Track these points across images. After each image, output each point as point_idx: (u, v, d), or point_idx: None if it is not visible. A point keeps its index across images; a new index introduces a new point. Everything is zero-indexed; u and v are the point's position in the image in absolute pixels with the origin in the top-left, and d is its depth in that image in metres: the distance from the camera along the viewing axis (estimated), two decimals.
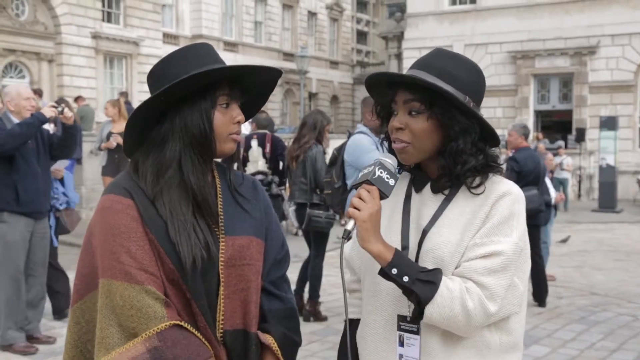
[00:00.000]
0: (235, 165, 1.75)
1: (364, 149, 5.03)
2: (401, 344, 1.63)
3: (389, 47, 28.53)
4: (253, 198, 1.73)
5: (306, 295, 6.05)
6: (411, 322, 1.62)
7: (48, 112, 4.74)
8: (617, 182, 17.64)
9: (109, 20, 23.35)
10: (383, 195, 1.57)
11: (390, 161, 1.62)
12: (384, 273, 1.55)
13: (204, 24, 29.22)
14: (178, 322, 1.48)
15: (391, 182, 1.58)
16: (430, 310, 1.52)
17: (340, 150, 5.59)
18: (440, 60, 1.65)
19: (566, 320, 6.23)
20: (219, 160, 1.74)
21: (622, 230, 13.43)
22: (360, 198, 1.55)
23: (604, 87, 21.85)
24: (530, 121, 22.25)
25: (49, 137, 5.02)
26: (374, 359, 1.70)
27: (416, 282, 1.52)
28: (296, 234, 9.92)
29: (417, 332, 1.61)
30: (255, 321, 1.65)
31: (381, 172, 1.57)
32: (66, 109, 4.83)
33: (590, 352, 5.30)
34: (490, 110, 23.61)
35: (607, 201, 16.95)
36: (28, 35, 20.56)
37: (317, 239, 6.03)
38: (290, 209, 6.33)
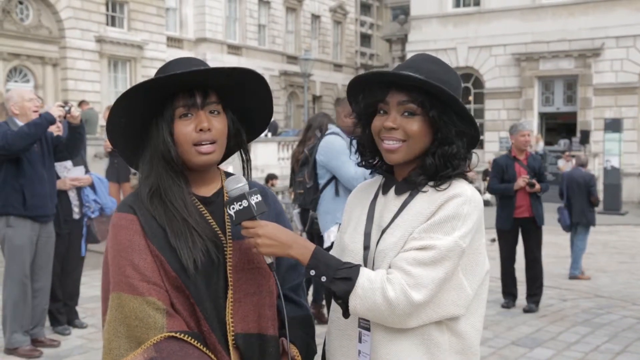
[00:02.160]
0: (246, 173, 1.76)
1: (338, 151, 5.04)
2: (360, 340, 1.69)
3: (392, 49, 28.54)
4: None
5: (310, 298, 6.05)
6: (363, 319, 1.66)
7: (56, 111, 4.75)
8: (621, 184, 17.63)
9: (113, 24, 23.42)
10: (264, 212, 1.61)
11: (242, 183, 1.62)
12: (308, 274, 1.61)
13: (208, 27, 29.27)
14: (174, 334, 1.52)
15: (259, 197, 1.59)
16: (353, 302, 1.56)
17: (312, 150, 5.57)
18: (430, 63, 1.68)
19: (570, 323, 6.21)
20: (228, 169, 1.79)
21: (627, 233, 13.40)
22: (254, 235, 1.58)
23: (609, 89, 21.82)
24: (534, 123, 22.23)
25: (52, 140, 5.03)
26: (338, 355, 1.75)
27: (333, 281, 1.56)
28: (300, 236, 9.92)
29: (369, 329, 1.66)
30: (272, 324, 1.67)
31: (252, 199, 1.58)
32: (73, 108, 4.86)
33: (594, 354, 5.28)
34: (495, 112, 23.60)
35: (612, 203, 16.93)
36: (32, 39, 20.63)
37: (321, 242, 6.03)
38: (294, 212, 6.33)
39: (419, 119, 1.64)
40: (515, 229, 6.79)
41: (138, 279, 1.55)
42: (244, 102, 1.71)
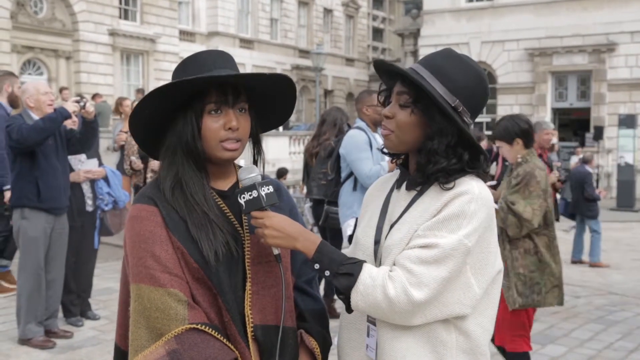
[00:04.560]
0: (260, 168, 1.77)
1: (358, 147, 5.08)
2: (368, 334, 1.69)
3: (405, 44, 28.43)
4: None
5: (321, 292, 6.06)
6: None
7: (71, 107, 4.78)
8: (635, 181, 17.47)
9: (125, 17, 23.48)
10: (275, 204, 1.62)
11: (254, 174, 1.63)
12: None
13: (220, 20, 29.30)
14: (196, 326, 1.52)
15: (270, 188, 1.61)
16: (355, 298, 1.56)
17: (338, 143, 5.64)
18: (443, 59, 1.67)
19: (583, 320, 6.17)
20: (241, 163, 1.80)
21: None
22: (261, 225, 1.60)
23: (623, 84, 21.64)
24: (547, 119, 22.08)
25: (66, 133, 5.06)
26: (347, 348, 1.76)
27: (336, 276, 1.57)
28: (311, 231, 9.94)
29: (375, 324, 1.66)
30: (291, 316, 1.67)
31: (263, 190, 1.59)
32: (88, 104, 4.89)
33: (608, 352, 5.25)
34: (507, 107, 23.47)
35: (626, 200, 16.80)
36: (46, 32, 20.73)
37: (333, 236, 6.04)
38: (305, 206, 6.34)
39: (409, 111, 1.64)
40: None
41: (159, 270, 1.54)
42: (268, 102, 1.74)
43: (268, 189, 1.60)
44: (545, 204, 3.80)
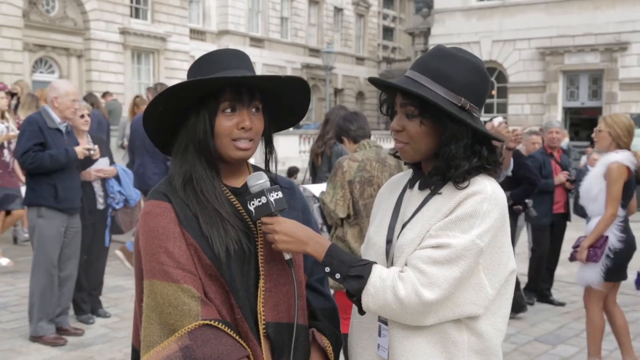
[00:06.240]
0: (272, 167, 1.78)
1: None
2: (379, 333, 1.70)
3: (415, 43, 28.38)
4: (289, 199, 1.75)
5: (331, 290, 6.06)
6: None
7: (80, 154, 4.92)
8: None
9: (136, 16, 23.58)
10: (284, 209, 1.63)
11: (263, 180, 1.63)
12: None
13: (230, 19, 29.36)
14: (209, 322, 1.52)
15: (279, 194, 1.62)
16: (365, 300, 1.57)
17: None
18: (438, 60, 1.65)
19: None
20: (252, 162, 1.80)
21: None
22: (271, 231, 1.61)
23: (635, 83, 21.51)
24: (558, 118, 21.98)
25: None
26: (358, 347, 1.76)
27: (347, 278, 1.58)
28: (321, 230, 9.94)
29: (387, 323, 1.66)
30: (303, 314, 1.68)
31: (271, 196, 1.60)
32: (97, 153, 5.13)
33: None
34: (518, 107, 23.40)
35: (637, 200, 16.70)
36: (58, 31, 20.85)
37: None
38: (314, 206, 6.34)
39: (418, 121, 1.63)
40: (551, 224, 6.74)
41: (173, 266, 1.55)
42: (282, 103, 1.75)
43: (277, 195, 1.60)
44: (349, 195, 3.86)
